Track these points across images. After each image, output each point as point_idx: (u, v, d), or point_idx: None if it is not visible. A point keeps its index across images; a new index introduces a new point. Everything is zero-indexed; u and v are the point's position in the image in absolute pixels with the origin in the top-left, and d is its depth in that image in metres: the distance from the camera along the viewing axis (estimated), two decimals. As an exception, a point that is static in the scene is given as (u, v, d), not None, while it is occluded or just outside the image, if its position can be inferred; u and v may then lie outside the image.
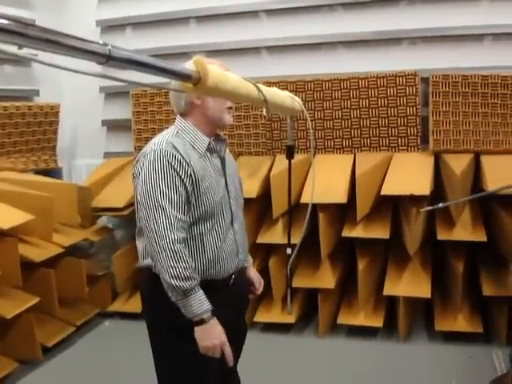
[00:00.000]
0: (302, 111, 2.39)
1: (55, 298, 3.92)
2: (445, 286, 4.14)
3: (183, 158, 1.95)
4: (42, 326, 3.88)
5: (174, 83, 1.83)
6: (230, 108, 2.14)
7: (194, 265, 1.95)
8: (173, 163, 1.93)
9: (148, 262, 2.07)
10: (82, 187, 4.47)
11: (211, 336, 1.92)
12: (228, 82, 1.67)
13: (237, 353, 2.33)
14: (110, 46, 1.19)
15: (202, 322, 1.91)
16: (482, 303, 4.04)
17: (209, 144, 2.08)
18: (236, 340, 2.21)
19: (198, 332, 1.92)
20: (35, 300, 3.69)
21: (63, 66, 1.19)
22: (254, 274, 2.45)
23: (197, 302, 1.89)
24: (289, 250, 2.95)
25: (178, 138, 2.04)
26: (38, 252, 3.86)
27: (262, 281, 2.48)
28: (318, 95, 4.41)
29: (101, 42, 1.19)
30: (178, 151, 1.96)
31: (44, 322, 3.96)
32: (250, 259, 2.47)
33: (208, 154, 2.09)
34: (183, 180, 1.94)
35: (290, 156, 2.68)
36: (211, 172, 2.07)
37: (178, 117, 2.12)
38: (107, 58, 1.18)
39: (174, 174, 1.92)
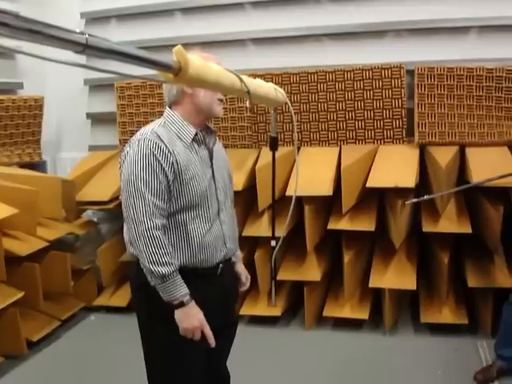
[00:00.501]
0: (286, 103, 2.38)
1: (40, 292, 3.89)
2: (430, 278, 4.16)
3: (166, 147, 1.99)
4: (26, 321, 3.85)
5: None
6: (221, 100, 2.16)
7: (172, 251, 2.00)
8: (155, 152, 1.96)
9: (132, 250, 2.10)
10: (66, 180, 4.42)
11: (191, 318, 1.97)
12: (210, 73, 1.65)
13: (226, 346, 2.37)
14: (86, 35, 1.17)
15: (181, 304, 1.96)
16: (468, 295, 4.06)
17: (195, 135, 2.10)
18: (225, 332, 2.26)
19: (178, 314, 1.97)
20: (20, 294, 3.66)
21: (47, 56, 1.18)
22: (241, 269, 2.47)
23: (175, 287, 1.94)
24: (273, 243, 2.96)
25: (164, 128, 2.07)
26: (22, 246, 3.83)
27: (249, 276, 2.51)
28: (304, 87, 4.40)
29: (77, 31, 1.17)
30: (162, 141, 1.99)
31: (29, 316, 3.93)
32: (239, 254, 2.49)
33: (195, 144, 2.11)
34: (164, 169, 1.97)
35: (273, 148, 2.68)
36: (196, 162, 2.08)
37: (167, 108, 2.15)
38: (84, 47, 1.16)
39: (155, 162, 1.95)
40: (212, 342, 2.02)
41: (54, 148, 5.40)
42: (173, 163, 1.99)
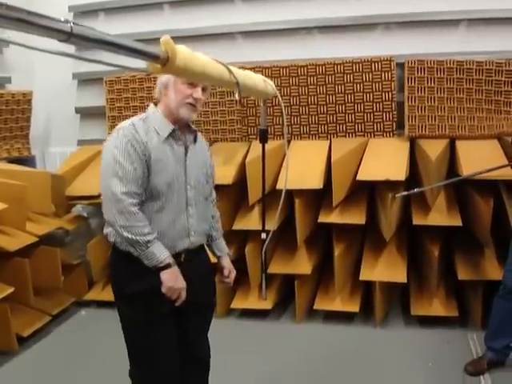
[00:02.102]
0: (276, 95, 2.38)
1: (30, 287, 3.87)
2: (421, 271, 4.17)
3: (141, 138, 2.14)
4: (17, 316, 3.83)
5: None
6: (192, 105, 2.22)
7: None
8: (130, 139, 2.12)
9: (106, 231, 2.28)
10: (55, 175, 4.39)
11: (176, 279, 2.16)
12: (197, 63, 1.64)
13: (198, 326, 2.48)
14: (71, 24, 1.16)
15: (168, 266, 2.14)
16: (458, 287, 4.08)
17: (172, 131, 2.23)
18: (191, 312, 2.35)
19: (165, 275, 2.14)
20: (9, 290, 3.62)
21: (34, 46, 1.17)
22: (226, 263, 2.58)
23: (159, 250, 2.13)
24: (263, 235, 2.96)
25: (143, 122, 2.21)
26: (11, 241, 3.79)
27: (234, 271, 2.60)
28: (294, 81, 4.38)
29: (62, 19, 1.15)
30: (138, 132, 2.15)
31: (19, 311, 3.90)
32: (225, 249, 2.61)
33: (172, 140, 2.24)
34: (139, 156, 2.12)
35: (263, 140, 2.68)
36: (169, 157, 2.21)
37: (151, 104, 2.31)
38: (69, 36, 1.15)
39: (131, 149, 2.11)
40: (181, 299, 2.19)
41: (42, 143, 5.37)
42: (145, 154, 2.13)
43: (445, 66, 4.11)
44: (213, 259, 2.60)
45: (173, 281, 2.14)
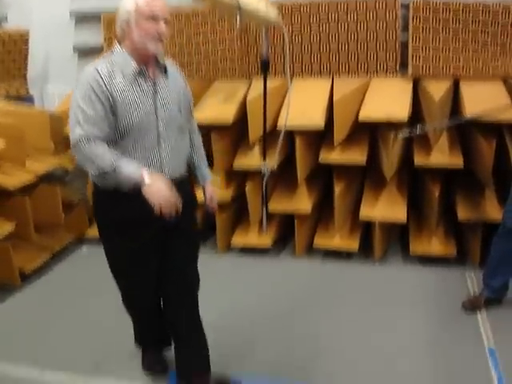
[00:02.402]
0: (278, 22, 2.32)
1: (31, 224, 3.90)
2: (421, 212, 4.18)
3: (103, 80, 2.15)
4: (19, 253, 3.87)
5: None
6: (160, 38, 2.20)
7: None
8: (92, 83, 2.13)
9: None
10: (53, 114, 4.36)
11: (160, 188, 2.12)
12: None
13: (181, 250, 2.49)
14: None
15: (144, 176, 2.11)
16: (457, 228, 4.10)
17: (137, 69, 2.22)
18: (173, 239, 2.43)
19: (148, 189, 2.10)
20: (11, 226, 3.65)
21: None
22: (207, 191, 2.65)
23: (133, 167, 2.14)
24: (264, 168, 2.95)
25: (109, 63, 2.21)
26: (11, 180, 3.81)
27: (215, 198, 2.67)
28: (297, 19, 4.28)
29: None
30: (99, 73, 2.16)
31: (21, 248, 3.94)
32: (207, 176, 2.65)
33: (139, 78, 2.23)
34: (100, 99, 2.13)
35: (264, 72, 2.63)
36: (137, 96, 2.21)
37: (116, 44, 2.28)
38: None
39: (91, 93, 2.12)
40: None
41: (40, 82, 5.30)
42: (108, 95, 2.14)
43: (451, 7, 4.02)
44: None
45: (158, 190, 2.12)
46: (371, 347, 3.05)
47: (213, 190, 2.66)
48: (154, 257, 2.44)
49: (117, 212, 2.29)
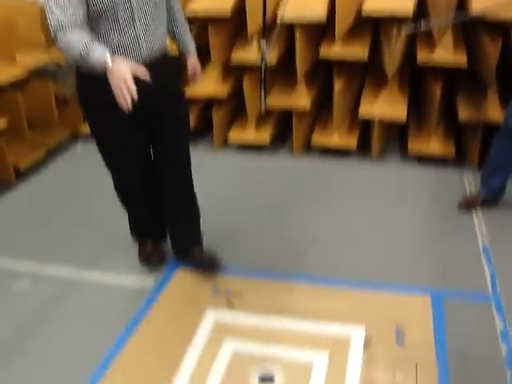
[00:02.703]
0: None
1: (24, 119, 3.86)
2: (421, 111, 4.12)
3: None
4: (12, 149, 3.86)
5: None
6: None
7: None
8: None
9: None
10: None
11: (122, 67, 2.04)
12: None
13: (168, 129, 2.54)
14: None
15: (107, 60, 2.05)
16: (457, 129, 4.06)
17: None
18: (157, 115, 2.47)
19: (110, 74, 2.04)
20: (3, 123, 3.60)
21: None
22: (190, 61, 2.69)
23: (99, 51, 2.06)
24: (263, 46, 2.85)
25: None
26: (1, 74, 3.72)
27: (199, 68, 2.74)
28: None
29: None
30: None
31: (14, 145, 3.92)
32: (189, 47, 2.68)
33: None
34: None
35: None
36: None
37: None
38: None
39: None
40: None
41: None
42: None
43: None
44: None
45: (118, 75, 2.01)
46: (367, 242, 3.12)
47: (196, 61, 2.70)
48: (139, 134, 2.48)
49: (95, 95, 2.31)
